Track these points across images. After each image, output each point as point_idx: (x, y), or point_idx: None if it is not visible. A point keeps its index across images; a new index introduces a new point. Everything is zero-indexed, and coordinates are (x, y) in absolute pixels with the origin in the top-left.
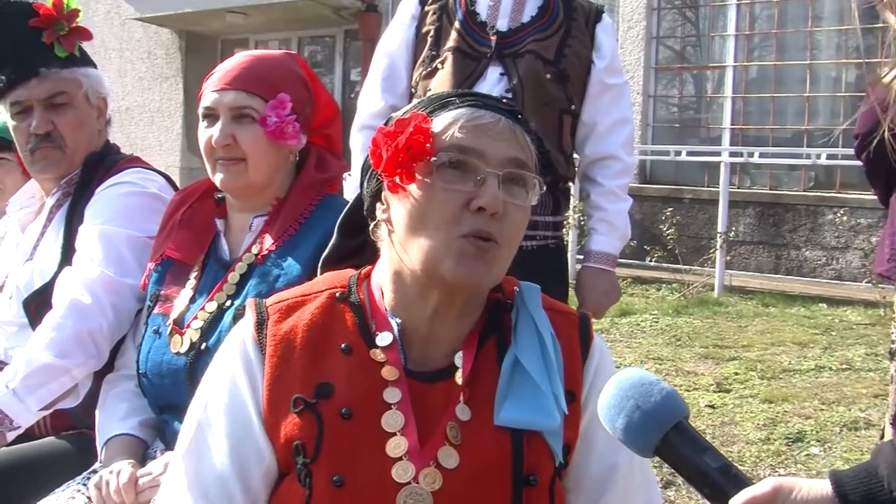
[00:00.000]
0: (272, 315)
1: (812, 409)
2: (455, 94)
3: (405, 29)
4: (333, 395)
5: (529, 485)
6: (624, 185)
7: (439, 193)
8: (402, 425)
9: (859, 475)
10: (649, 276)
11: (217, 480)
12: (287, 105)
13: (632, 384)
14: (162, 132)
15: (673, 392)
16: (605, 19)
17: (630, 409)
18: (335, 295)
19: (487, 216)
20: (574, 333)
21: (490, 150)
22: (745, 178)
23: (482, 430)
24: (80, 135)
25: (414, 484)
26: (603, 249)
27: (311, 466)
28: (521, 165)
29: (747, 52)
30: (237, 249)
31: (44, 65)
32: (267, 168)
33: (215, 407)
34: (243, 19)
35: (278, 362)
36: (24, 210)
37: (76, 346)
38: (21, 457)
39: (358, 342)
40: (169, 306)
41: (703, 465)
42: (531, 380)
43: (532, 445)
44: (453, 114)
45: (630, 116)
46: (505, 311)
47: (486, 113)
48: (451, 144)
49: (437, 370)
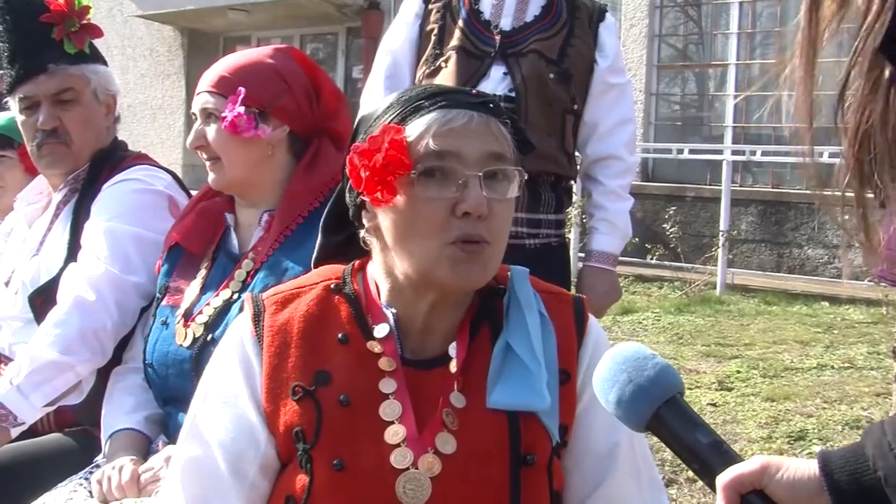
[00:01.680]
0: (268, 307)
1: (814, 408)
2: (424, 96)
3: (408, 27)
4: (331, 382)
5: (527, 465)
6: (625, 184)
7: (423, 204)
8: (400, 414)
9: (846, 455)
10: (651, 275)
11: (212, 474)
12: (239, 98)
13: (626, 358)
14: (164, 129)
15: (667, 366)
16: (608, 18)
17: (623, 382)
18: (330, 286)
19: (474, 219)
20: (569, 313)
21: (466, 150)
22: (748, 176)
23: (478, 414)
24: (87, 131)
25: (413, 470)
26: (604, 249)
27: (312, 452)
28: (500, 158)
29: (749, 50)
30: (246, 244)
31: (52, 61)
32: (241, 163)
33: (213, 400)
34: (245, 16)
35: (276, 352)
36: (31, 206)
37: (80, 343)
38: (24, 453)
39: (354, 332)
40: (178, 298)
41: (694, 440)
42: (522, 362)
43: (528, 426)
44: (425, 120)
45: (632, 116)
46: (497, 297)
47: (458, 113)
48: (427, 153)
49: (433, 357)
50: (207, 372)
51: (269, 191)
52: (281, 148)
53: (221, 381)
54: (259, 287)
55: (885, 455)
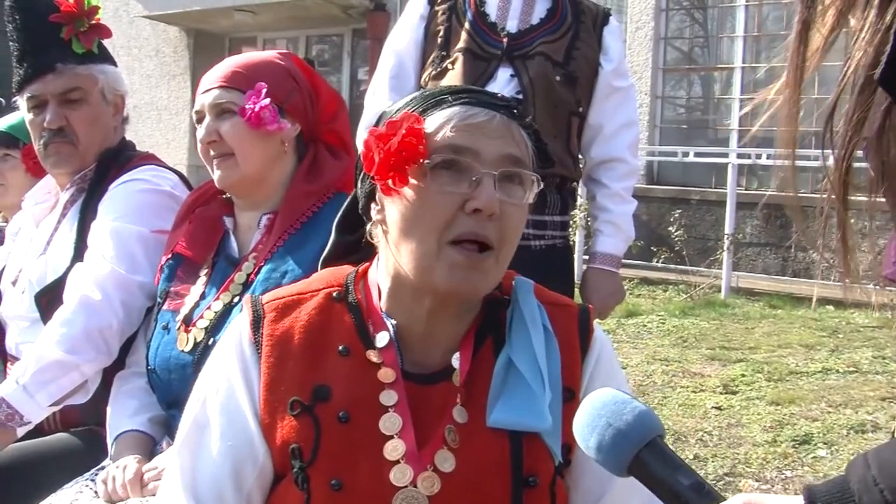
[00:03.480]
0: (268, 313)
1: (819, 412)
2: (448, 91)
3: (414, 28)
4: (331, 398)
5: (529, 486)
6: (629, 187)
7: (434, 196)
8: (400, 428)
9: (832, 490)
10: (656, 277)
11: (210, 480)
12: (262, 92)
13: (604, 403)
14: (169, 130)
15: (646, 410)
16: (612, 22)
17: (602, 427)
18: (332, 295)
19: (484, 217)
20: (573, 327)
21: (485, 148)
22: (753, 179)
23: (479, 432)
24: (94, 131)
25: (411, 487)
26: (608, 251)
27: (309, 470)
28: (518, 163)
29: (755, 54)
30: (246, 247)
31: (60, 60)
32: (257, 159)
33: (212, 405)
34: (251, 17)
35: (275, 363)
36: (39, 205)
37: (86, 343)
38: (30, 452)
39: (355, 344)
40: (179, 303)
41: (676, 483)
42: (524, 380)
43: (531, 446)
44: (446, 113)
45: (636, 119)
46: (501, 308)
47: (480, 110)
48: (445, 145)
49: (435, 372)
50: (204, 375)
51: (273, 191)
52: (290, 148)
53: (220, 386)
54: (260, 289)
55: (870, 489)
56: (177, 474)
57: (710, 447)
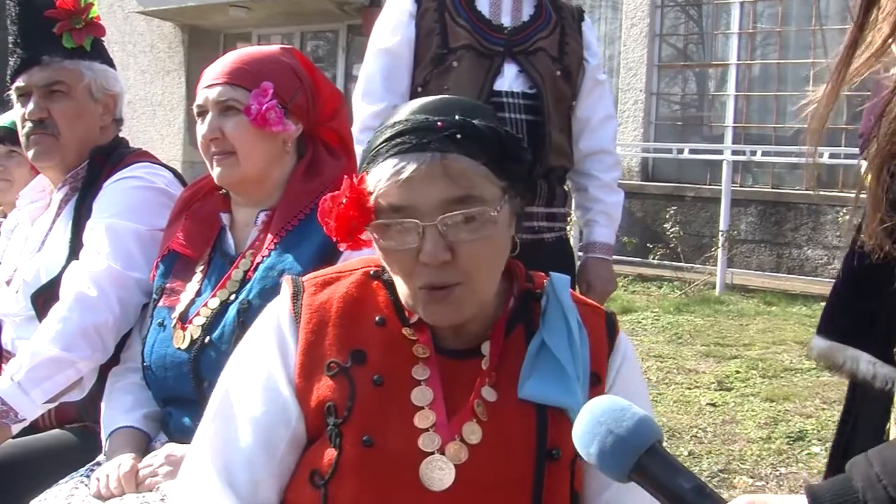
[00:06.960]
0: (308, 288)
1: (813, 409)
2: (385, 139)
3: (404, 27)
4: (367, 362)
5: (552, 459)
6: (617, 177)
7: (391, 254)
8: (431, 400)
9: (834, 489)
10: (651, 274)
11: (240, 447)
12: (269, 92)
13: (603, 410)
14: (164, 126)
15: (645, 416)
16: (587, 18)
17: (603, 434)
18: (369, 272)
19: (436, 267)
20: (601, 324)
21: (420, 201)
22: (748, 176)
23: (508, 407)
24: (77, 126)
25: (439, 455)
26: (605, 240)
27: (342, 427)
28: (460, 202)
29: (750, 51)
30: (242, 244)
31: (47, 53)
32: (258, 158)
33: (245, 378)
34: (246, 13)
35: (313, 329)
36: (34, 204)
37: (82, 339)
38: (26, 449)
39: (391, 317)
40: (175, 299)
41: (677, 486)
42: (556, 360)
43: (556, 421)
44: (380, 169)
45: (614, 112)
46: (534, 300)
47: (409, 160)
48: (385, 204)
49: (467, 349)
50: (240, 349)
51: (272, 189)
52: (291, 147)
53: (255, 358)
54: (257, 287)
55: (874, 486)
56: (207, 446)
57: (705, 444)
